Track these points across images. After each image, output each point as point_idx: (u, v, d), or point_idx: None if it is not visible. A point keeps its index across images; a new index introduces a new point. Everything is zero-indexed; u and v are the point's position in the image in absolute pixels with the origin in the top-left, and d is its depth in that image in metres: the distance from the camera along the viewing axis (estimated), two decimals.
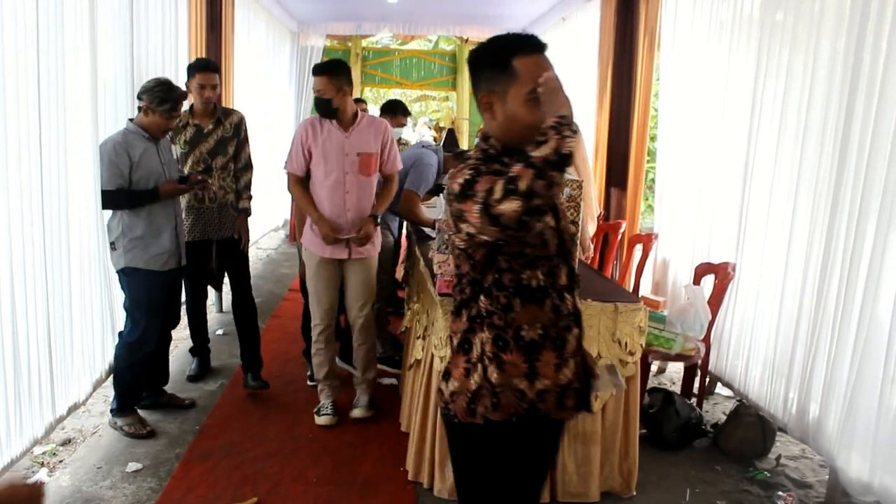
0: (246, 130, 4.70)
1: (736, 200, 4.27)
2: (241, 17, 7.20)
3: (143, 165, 3.78)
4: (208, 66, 4.45)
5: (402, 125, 6.46)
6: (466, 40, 11.44)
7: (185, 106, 4.17)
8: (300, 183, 4.00)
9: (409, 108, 6.84)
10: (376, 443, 3.95)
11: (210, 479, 3.50)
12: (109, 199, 3.74)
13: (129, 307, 3.90)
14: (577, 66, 7.69)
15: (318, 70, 3.93)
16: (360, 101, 7.68)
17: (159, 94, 3.77)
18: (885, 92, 3.00)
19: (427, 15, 10.00)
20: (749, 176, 4.12)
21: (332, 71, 3.90)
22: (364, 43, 11.83)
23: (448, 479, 3.35)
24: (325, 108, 3.90)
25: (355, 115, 3.98)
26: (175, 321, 4.30)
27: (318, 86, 3.89)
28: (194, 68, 4.44)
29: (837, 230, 3.28)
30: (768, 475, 3.77)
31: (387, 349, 5.12)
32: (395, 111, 6.30)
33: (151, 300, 3.88)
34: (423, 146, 5.29)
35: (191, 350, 5.01)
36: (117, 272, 3.88)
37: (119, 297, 4.01)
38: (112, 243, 3.83)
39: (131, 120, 3.87)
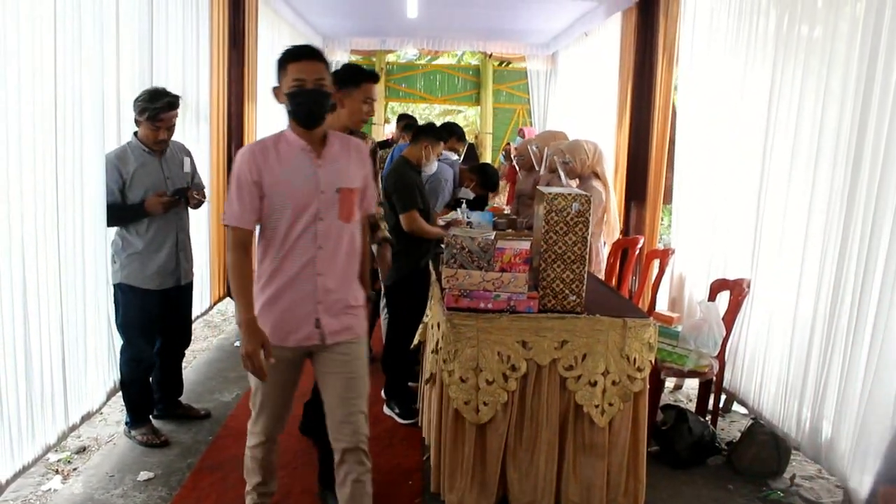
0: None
1: (751, 216, 4.24)
2: (265, 32, 7.27)
3: (139, 181, 3.76)
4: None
5: (456, 150, 5.98)
6: (490, 55, 11.48)
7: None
8: (244, 246, 2.67)
9: (464, 133, 6.33)
10: (385, 457, 3.95)
11: (220, 489, 3.53)
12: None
13: (122, 324, 3.89)
14: (599, 80, 7.69)
15: (309, 53, 2.66)
16: (408, 118, 7.36)
17: (140, 104, 3.74)
18: None
19: (450, 30, 10.04)
20: (763, 192, 4.10)
21: (323, 58, 2.70)
22: (388, 58, 11.91)
23: (457, 490, 3.35)
24: (320, 105, 2.65)
25: (324, 133, 2.75)
26: (185, 340, 4.32)
27: (312, 72, 2.61)
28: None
29: (850, 247, 3.25)
30: (781, 495, 3.72)
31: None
32: (451, 134, 5.94)
33: (144, 320, 3.88)
34: (438, 160, 5.28)
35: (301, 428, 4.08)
36: (114, 286, 3.87)
37: None
38: (113, 256, 3.85)
39: (136, 133, 3.86)
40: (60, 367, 3.42)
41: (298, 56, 2.64)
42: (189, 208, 4.07)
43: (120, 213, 3.76)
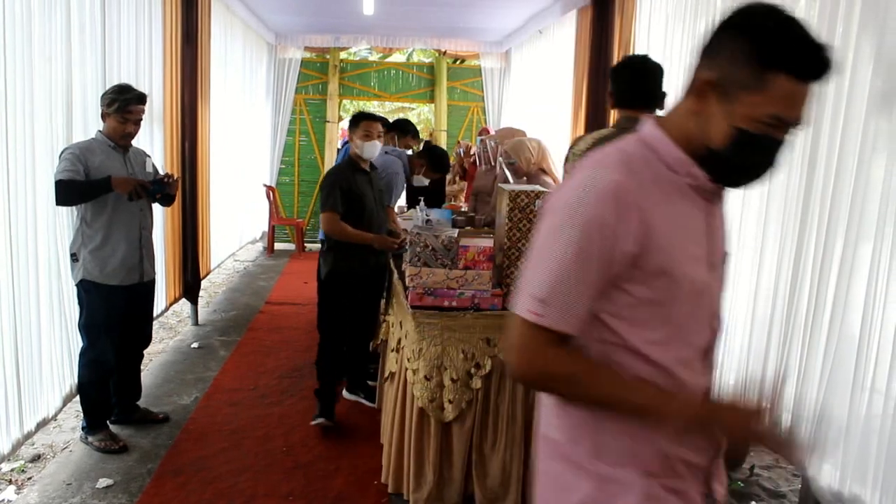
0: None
1: None
2: (218, 29, 7.17)
3: (104, 173, 3.68)
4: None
5: (409, 147, 6.01)
6: (444, 53, 11.47)
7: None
8: (565, 356, 1.37)
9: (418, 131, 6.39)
10: (349, 457, 3.93)
11: (182, 494, 3.47)
12: (62, 191, 3.55)
13: (85, 324, 3.82)
14: (554, 78, 7.74)
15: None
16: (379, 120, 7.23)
17: (109, 96, 3.77)
18: (851, 106, 3.04)
19: (405, 28, 10.01)
20: None
21: None
22: (342, 55, 11.83)
23: (423, 490, 3.34)
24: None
25: None
26: (145, 340, 4.25)
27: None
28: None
29: (807, 242, 3.31)
30: (742, 485, 3.79)
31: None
32: (406, 131, 5.97)
33: (108, 317, 3.81)
34: (386, 152, 5.17)
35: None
36: (76, 285, 3.80)
37: None
38: (73, 254, 3.76)
39: (100, 131, 3.84)
40: (14, 373, 3.32)
41: (815, 66, 1.27)
42: (159, 202, 4.11)
43: (83, 187, 3.62)
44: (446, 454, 3.36)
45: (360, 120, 4.32)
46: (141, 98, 3.84)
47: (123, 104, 3.75)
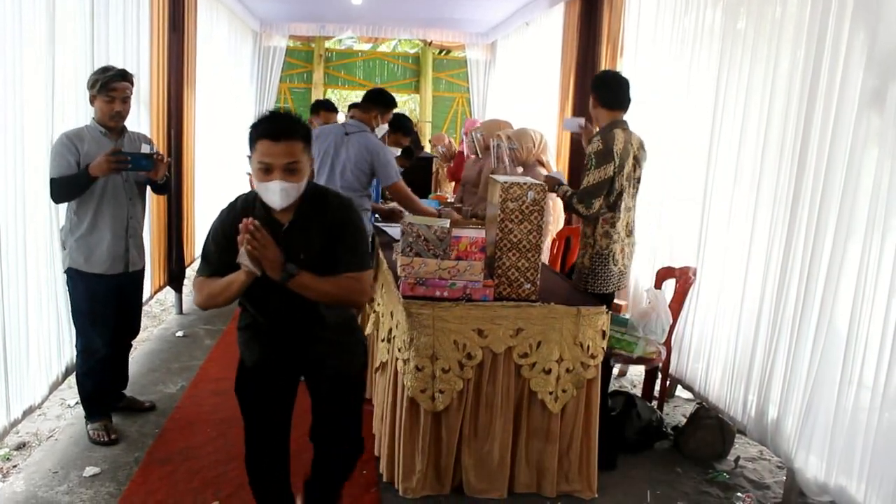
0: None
1: (697, 206, 4.32)
2: (204, 16, 7.11)
3: (92, 160, 3.57)
4: None
5: (400, 146, 5.62)
6: (430, 43, 11.45)
7: None
8: None
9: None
10: None
11: (170, 483, 3.45)
12: (54, 189, 3.54)
13: (73, 314, 3.78)
14: (540, 71, 7.74)
15: None
16: (326, 105, 7.32)
17: (92, 77, 3.68)
18: (842, 102, 3.07)
19: (390, 18, 9.99)
20: (710, 182, 4.19)
21: None
22: (327, 44, 11.78)
23: (414, 479, 3.35)
24: None
25: None
26: (132, 331, 4.20)
27: None
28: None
29: (796, 236, 3.34)
30: (727, 477, 3.82)
31: None
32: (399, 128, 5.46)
33: (94, 306, 3.75)
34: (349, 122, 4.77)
35: None
36: (65, 273, 3.75)
37: None
38: (63, 242, 3.72)
39: (93, 117, 3.76)
40: (1, 359, 3.29)
41: None
42: (153, 189, 3.99)
43: (68, 182, 3.55)
44: (436, 444, 3.37)
45: (256, 139, 2.35)
46: (123, 74, 3.72)
47: (105, 82, 3.65)
